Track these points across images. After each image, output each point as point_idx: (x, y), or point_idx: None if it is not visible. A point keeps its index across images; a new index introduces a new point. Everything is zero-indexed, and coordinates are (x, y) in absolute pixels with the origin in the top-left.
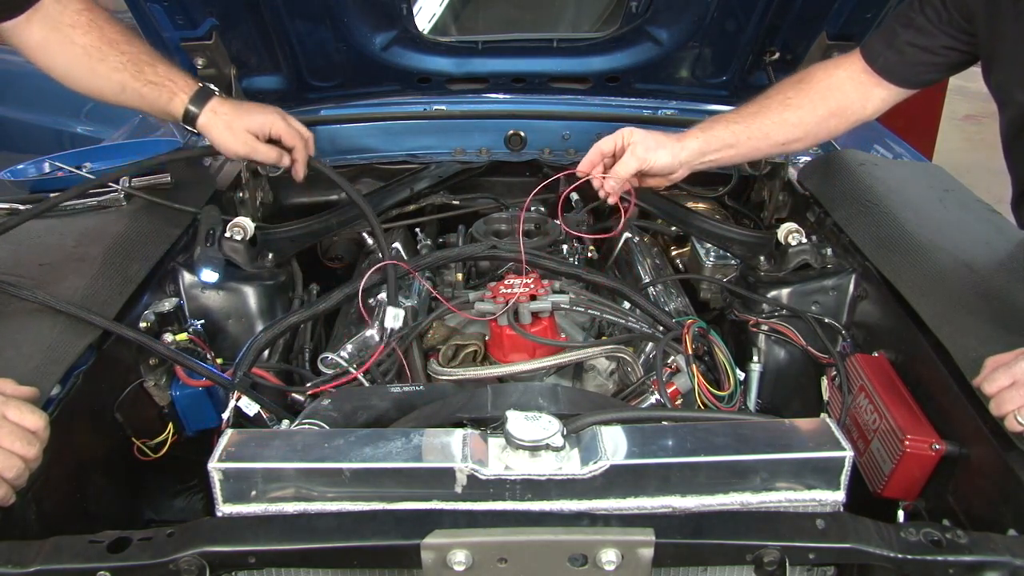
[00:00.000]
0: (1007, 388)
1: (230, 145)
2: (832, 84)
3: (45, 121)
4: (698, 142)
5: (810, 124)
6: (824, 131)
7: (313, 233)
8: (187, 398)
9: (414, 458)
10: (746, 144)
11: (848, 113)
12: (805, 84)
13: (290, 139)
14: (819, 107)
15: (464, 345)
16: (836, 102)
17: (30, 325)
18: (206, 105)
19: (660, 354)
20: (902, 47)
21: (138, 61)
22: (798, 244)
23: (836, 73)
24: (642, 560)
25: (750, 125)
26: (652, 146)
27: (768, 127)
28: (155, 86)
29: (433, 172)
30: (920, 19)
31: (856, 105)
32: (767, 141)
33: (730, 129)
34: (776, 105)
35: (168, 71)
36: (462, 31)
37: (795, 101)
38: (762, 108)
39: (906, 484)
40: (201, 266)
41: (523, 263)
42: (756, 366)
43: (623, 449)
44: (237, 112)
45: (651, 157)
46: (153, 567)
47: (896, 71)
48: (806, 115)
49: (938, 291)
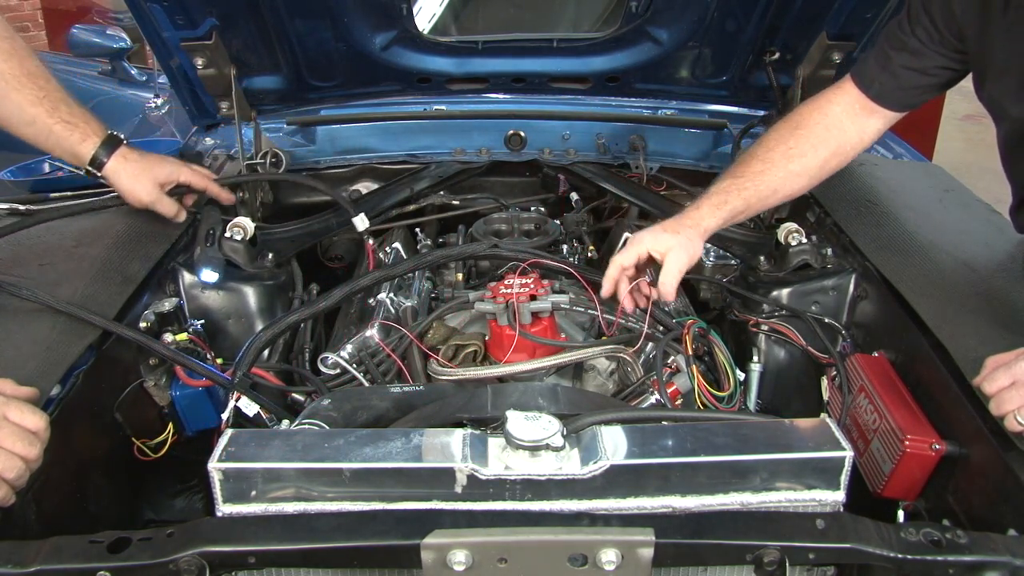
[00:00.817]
0: (1007, 388)
1: (137, 193)
2: (830, 124)
3: None
4: (715, 220)
5: (813, 169)
6: (825, 172)
7: (313, 233)
8: (187, 398)
9: (414, 458)
10: (756, 206)
11: (847, 149)
12: (803, 130)
13: (199, 182)
14: (820, 151)
15: (464, 345)
16: (836, 142)
17: (30, 325)
18: (115, 152)
19: (660, 354)
20: (897, 71)
21: (54, 99)
22: (798, 244)
23: (831, 111)
24: (642, 560)
25: (759, 186)
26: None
27: (776, 183)
28: (68, 125)
29: (433, 172)
30: (913, 42)
31: (854, 140)
32: (775, 196)
33: (742, 197)
34: (779, 159)
35: (83, 113)
36: (462, 31)
37: (797, 150)
38: (766, 165)
39: (906, 484)
40: (201, 266)
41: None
42: (756, 366)
43: (623, 449)
44: (145, 162)
45: (690, 259)
46: (153, 567)
47: (892, 96)
48: (809, 162)
49: (938, 291)
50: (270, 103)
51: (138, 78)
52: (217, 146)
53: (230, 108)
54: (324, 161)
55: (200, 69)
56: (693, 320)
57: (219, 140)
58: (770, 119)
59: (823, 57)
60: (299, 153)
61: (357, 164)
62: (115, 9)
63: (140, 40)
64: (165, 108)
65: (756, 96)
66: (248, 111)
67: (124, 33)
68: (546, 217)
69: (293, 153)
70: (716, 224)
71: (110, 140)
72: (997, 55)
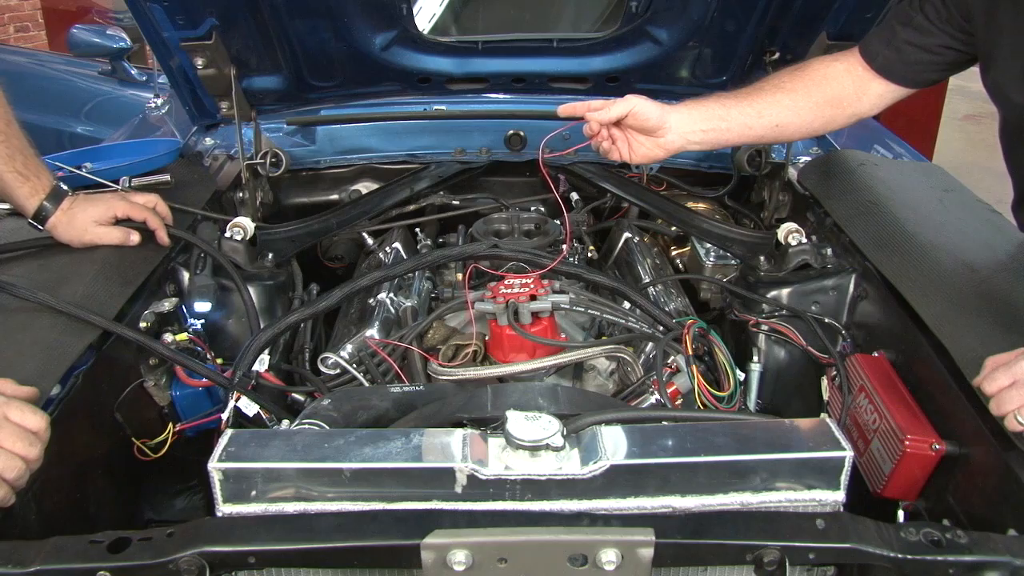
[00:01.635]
0: (1007, 388)
1: (76, 238)
2: (829, 74)
3: (45, 121)
4: (687, 108)
5: (804, 109)
6: (819, 120)
7: (313, 233)
8: (187, 398)
9: (414, 458)
10: (737, 119)
11: (844, 104)
12: (800, 71)
13: (137, 214)
14: (814, 93)
15: (464, 345)
16: (832, 91)
17: (30, 325)
18: (59, 206)
19: (660, 354)
20: (900, 45)
21: (12, 147)
22: (798, 244)
23: (834, 65)
24: (642, 560)
25: (741, 102)
26: (644, 100)
27: (761, 106)
28: (21, 177)
29: (433, 172)
30: (919, 18)
31: (852, 97)
32: (759, 120)
33: (721, 103)
34: (770, 87)
35: (37, 167)
36: (462, 31)
37: (789, 85)
38: (756, 89)
39: (906, 484)
40: (192, 298)
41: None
42: (756, 366)
43: (623, 449)
44: (79, 206)
45: (639, 106)
46: (153, 567)
47: (894, 69)
48: (800, 99)
49: (938, 291)
50: (270, 103)
51: (138, 78)
52: (217, 146)
53: (230, 108)
54: (324, 161)
55: (200, 69)
56: (693, 320)
57: (219, 140)
58: None
59: None
60: (299, 153)
61: (357, 164)
62: (115, 9)
63: (140, 40)
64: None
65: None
66: (248, 111)
67: (124, 33)
68: (546, 217)
69: (293, 153)
70: (688, 111)
71: (54, 194)
72: (1003, 40)
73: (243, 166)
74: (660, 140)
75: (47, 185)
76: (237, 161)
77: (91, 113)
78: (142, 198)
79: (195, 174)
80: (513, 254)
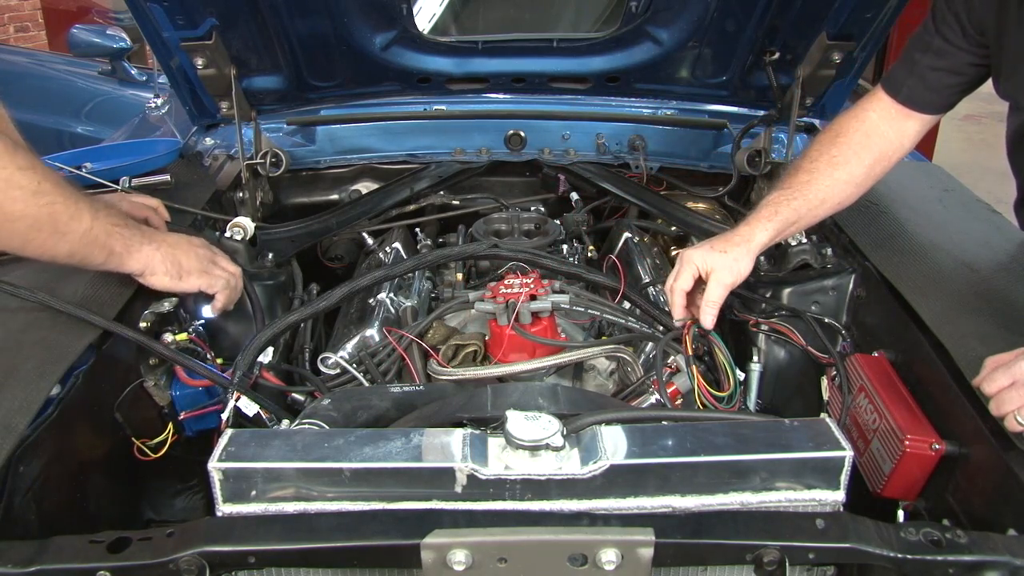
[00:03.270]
0: (1007, 388)
1: None
2: (868, 130)
3: (45, 121)
4: (767, 234)
5: (859, 177)
6: (872, 179)
7: (313, 233)
8: (187, 398)
9: (414, 458)
10: (807, 216)
11: (889, 153)
12: (844, 138)
13: (138, 213)
14: (864, 157)
15: (464, 345)
16: (878, 147)
17: (30, 325)
18: None
19: (660, 354)
20: (923, 73)
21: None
22: (798, 244)
23: (867, 117)
24: (642, 560)
25: (807, 195)
26: (730, 264)
27: (824, 192)
28: None
29: (433, 172)
30: (937, 41)
31: (895, 143)
32: (825, 207)
33: (792, 207)
34: (824, 167)
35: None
36: (462, 31)
37: (841, 158)
38: (813, 175)
39: (906, 484)
40: (200, 304)
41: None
42: (756, 366)
43: (623, 449)
44: None
45: (736, 278)
46: (153, 567)
47: (921, 98)
48: (855, 169)
49: (938, 291)
50: (270, 103)
51: (138, 78)
52: (217, 146)
53: (230, 108)
54: (324, 161)
55: (200, 69)
56: (693, 320)
57: (219, 140)
58: (770, 119)
59: (823, 57)
60: (299, 153)
61: (357, 164)
62: (115, 9)
63: (140, 40)
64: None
65: (756, 96)
66: (248, 111)
67: (124, 33)
68: (546, 217)
69: (293, 153)
70: (768, 238)
71: None
72: (1012, 48)
73: (243, 166)
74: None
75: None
76: (237, 161)
77: (91, 113)
78: (141, 198)
79: (195, 174)
80: (512, 254)
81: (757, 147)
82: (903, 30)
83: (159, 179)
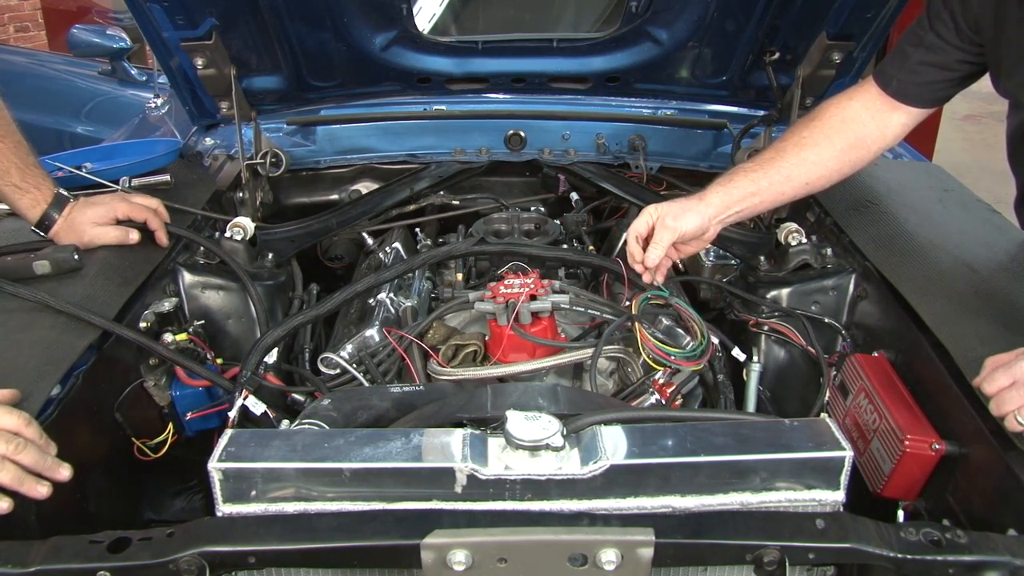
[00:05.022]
0: (1007, 388)
1: (76, 240)
2: (847, 116)
3: (45, 121)
4: (719, 196)
5: (830, 160)
6: (847, 165)
7: (313, 233)
8: (187, 398)
9: (414, 458)
10: (768, 191)
11: (868, 143)
12: (818, 121)
13: (138, 214)
14: (836, 141)
15: (464, 345)
16: (854, 134)
17: (30, 325)
18: (62, 213)
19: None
20: (915, 67)
21: (8, 161)
22: (798, 244)
23: (849, 105)
24: (642, 560)
25: (768, 171)
26: (678, 213)
27: (788, 169)
28: (19, 191)
29: (433, 172)
30: (930, 36)
31: (875, 134)
32: (790, 184)
33: (749, 178)
34: (792, 147)
35: (37, 178)
36: (462, 31)
37: (811, 139)
38: (778, 153)
39: (906, 484)
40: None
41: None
42: (756, 366)
43: (623, 449)
44: (78, 210)
45: (681, 224)
46: (153, 567)
47: (911, 92)
48: (824, 152)
49: (938, 291)
50: (270, 103)
51: (138, 78)
52: (217, 146)
53: (230, 108)
54: (324, 161)
55: (200, 69)
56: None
57: (219, 140)
58: (770, 119)
59: (823, 57)
60: (299, 153)
61: (357, 164)
62: (115, 9)
63: (140, 40)
64: (165, 108)
65: (756, 96)
66: (248, 111)
67: (124, 33)
68: (546, 217)
69: (293, 153)
70: (721, 201)
71: (56, 204)
72: (1012, 47)
73: (243, 166)
74: (702, 237)
75: (48, 196)
76: (237, 161)
77: (91, 113)
78: (141, 199)
79: (195, 174)
80: (501, 248)
81: (757, 147)
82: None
83: (159, 179)
